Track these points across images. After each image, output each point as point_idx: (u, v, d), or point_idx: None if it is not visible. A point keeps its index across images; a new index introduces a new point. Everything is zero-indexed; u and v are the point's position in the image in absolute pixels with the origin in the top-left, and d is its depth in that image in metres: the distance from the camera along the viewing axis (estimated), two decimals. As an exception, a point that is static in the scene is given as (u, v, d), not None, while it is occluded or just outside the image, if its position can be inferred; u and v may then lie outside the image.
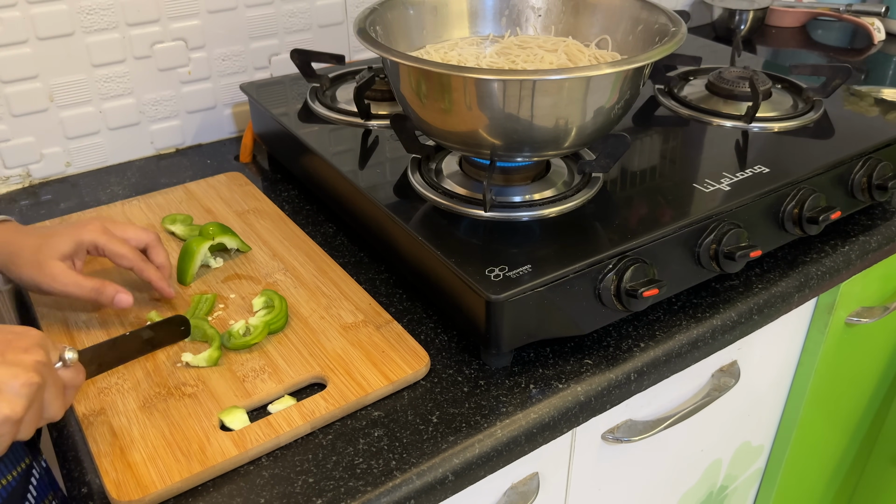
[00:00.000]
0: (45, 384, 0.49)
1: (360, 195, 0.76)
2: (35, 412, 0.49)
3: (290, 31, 1.07)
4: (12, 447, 0.58)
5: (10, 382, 0.46)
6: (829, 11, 1.47)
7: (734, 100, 0.90)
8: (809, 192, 0.76)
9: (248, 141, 1.01)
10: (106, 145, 1.00)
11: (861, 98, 0.94)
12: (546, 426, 0.62)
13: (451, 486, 0.58)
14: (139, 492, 0.53)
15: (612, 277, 0.64)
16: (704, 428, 0.88)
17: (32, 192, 0.95)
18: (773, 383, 0.96)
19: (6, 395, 0.46)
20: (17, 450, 0.59)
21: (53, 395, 0.51)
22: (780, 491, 1.11)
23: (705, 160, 0.79)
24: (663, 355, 0.68)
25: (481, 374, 0.65)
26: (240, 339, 0.66)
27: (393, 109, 0.90)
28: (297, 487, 0.55)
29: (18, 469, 0.59)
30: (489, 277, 0.61)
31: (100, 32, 0.93)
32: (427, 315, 0.72)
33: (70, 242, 0.65)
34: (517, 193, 0.72)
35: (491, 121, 0.64)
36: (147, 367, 0.64)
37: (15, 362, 0.47)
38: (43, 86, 0.92)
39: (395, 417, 0.61)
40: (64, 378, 0.52)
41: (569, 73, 0.62)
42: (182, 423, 0.59)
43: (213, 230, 0.76)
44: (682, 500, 0.95)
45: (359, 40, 0.69)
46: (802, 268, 0.78)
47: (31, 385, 0.47)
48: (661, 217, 0.69)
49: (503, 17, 0.84)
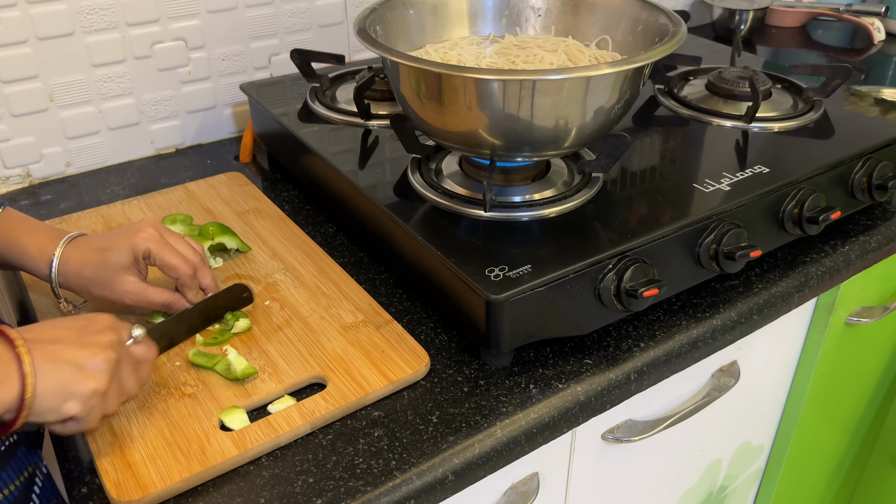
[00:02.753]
0: (121, 360, 0.54)
1: (360, 195, 0.76)
2: (116, 386, 0.54)
3: (290, 31, 1.07)
4: (16, 455, 0.58)
5: (91, 360, 0.52)
6: (829, 11, 1.47)
7: (734, 100, 0.90)
8: (809, 192, 0.76)
9: (248, 141, 1.01)
10: (106, 145, 1.00)
11: (861, 98, 0.94)
12: (546, 426, 0.62)
13: (451, 486, 0.58)
14: (139, 492, 0.53)
15: (612, 277, 0.64)
16: (704, 428, 0.88)
17: (32, 192, 0.95)
18: (773, 383, 0.96)
19: (90, 371, 0.51)
20: (20, 458, 0.59)
21: (129, 370, 0.56)
22: (780, 491, 1.11)
23: (705, 160, 0.79)
24: (663, 355, 0.68)
25: (481, 374, 0.65)
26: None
27: (393, 109, 0.90)
28: (297, 487, 0.55)
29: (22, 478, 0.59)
30: (489, 277, 0.61)
31: (100, 32, 0.93)
32: (427, 315, 0.72)
33: (128, 254, 0.65)
34: (517, 193, 0.72)
35: (491, 121, 0.64)
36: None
37: (93, 343, 0.52)
38: (43, 86, 0.92)
39: (395, 417, 0.61)
40: (136, 354, 0.57)
41: (569, 73, 0.62)
42: (182, 423, 0.59)
43: (213, 230, 0.76)
44: (682, 499, 0.95)
45: (359, 40, 0.69)
46: (802, 268, 0.78)
47: (110, 360, 0.53)
48: (661, 217, 0.69)
49: (503, 17, 0.84)
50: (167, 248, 0.66)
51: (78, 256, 0.65)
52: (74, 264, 0.64)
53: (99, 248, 0.65)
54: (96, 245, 0.65)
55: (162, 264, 0.66)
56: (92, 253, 0.65)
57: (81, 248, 0.65)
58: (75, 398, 0.51)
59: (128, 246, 0.65)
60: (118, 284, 0.64)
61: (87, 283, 0.65)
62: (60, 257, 0.64)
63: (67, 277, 0.65)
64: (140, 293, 0.65)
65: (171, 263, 0.66)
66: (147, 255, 0.66)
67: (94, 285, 0.65)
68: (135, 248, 0.65)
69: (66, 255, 0.65)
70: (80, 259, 0.65)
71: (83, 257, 0.65)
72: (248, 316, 0.69)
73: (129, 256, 0.65)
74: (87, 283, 0.65)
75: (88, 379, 0.51)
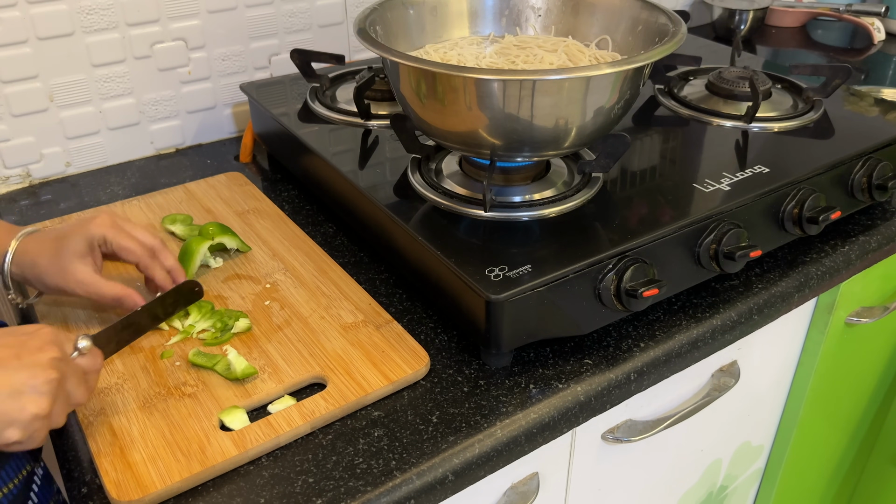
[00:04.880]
0: (65, 376, 0.51)
1: (360, 195, 0.76)
2: (61, 404, 0.51)
3: (290, 31, 1.07)
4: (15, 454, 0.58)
5: (30, 383, 0.49)
6: (829, 11, 1.47)
7: (734, 100, 0.90)
8: (809, 192, 0.76)
9: (248, 141, 1.01)
10: (106, 145, 1.00)
11: (861, 98, 0.94)
12: (546, 426, 0.62)
13: (451, 486, 0.58)
14: (139, 492, 0.53)
15: (612, 277, 0.64)
16: (704, 428, 0.88)
17: (32, 192, 0.95)
18: (773, 383, 0.96)
19: (29, 395, 0.48)
20: (19, 457, 0.59)
21: (75, 384, 0.53)
22: (780, 491, 1.11)
23: (705, 160, 0.79)
24: (663, 355, 0.68)
25: (481, 374, 0.65)
26: None
27: (393, 109, 0.90)
28: (297, 487, 0.55)
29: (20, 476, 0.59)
30: (489, 277, 0.61)
31: (100, 32, 0.93)
32: (427, 315, 0.72)
33: (82, 240, 0.65)
34: (517, 193, 0.72)
35: (491, 121, 0.64)
36: (147, 367, 0.64)
37: (31, 363, 0.49)
38: (43, 86, 0.92)
39: (395, 417, 0.61)
40: (82, 365, 0.54)
41: (569, 73, 0.62)
42: (182, 423, 0.59)
43: (213, 230, 0.76)
44: (682, 499, 0.95)
45: (359, 40, 0.69)
46: (802, 268, 0.78)
47: (51, 382, 0.49)
48: (661, 217, 0.69)
49: (503, 17, 0.84)
50: (122, 233, 0.67)
51: (34, 247, 0.65)
52: (30, 254, 0.64)
53: (55, 238, 0.65)
54: (52, 235, 0.66)
55: (119, 248, 0.66)
56: (48, 242, 0.65)
57: (38, 240, 0.66)
58: (15, 425, 0.48)
59: (82, 233, 0.65)
60: (70, 274, 0.64)
61: (42, 273, 0.64)
62: (16, 248, 0.64)
63: (23, 268, 0.65)
64: (92, 284, 0.64)
65: (127, 246, 0.66)
66: (102, 241, 0.66)
67: (47, 275, 0.64)
68: (90, 234, 0.65)
69: (22, 245, 0.65)
70: (35, 249, 0.65)
71: (39, 247, 0.65)
72: (248, 316, 0.69)
73: (83, 244, 0.65)
74: (41, 273, 0.64)
75: (28, 404, 0.48)
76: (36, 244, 0.65)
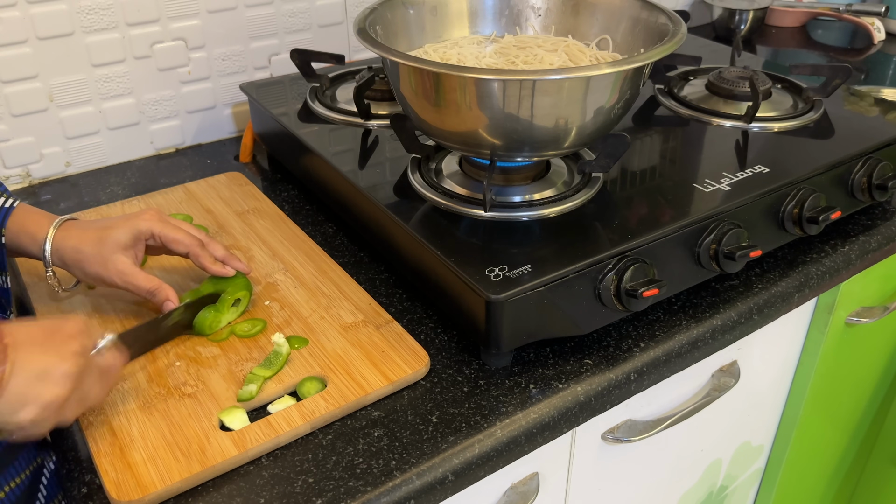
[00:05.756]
0: (86, 370, 0.52)
1: (360, 195, 0.76)
2: (77, 396, 0.52)
3: (290, 30, 1.07)
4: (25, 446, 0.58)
5: (58, 367, 0.50)
6: (829, 11, 1.47)
7: (734, 100, 0.90)
8: (809, 192, 0.76)
9: (247, 141, 1.01)
10: (106, 145, 1.00)
11: (861, 98, 0.94)
12: (546, 426, 0.62)
13: (451, 486, 0.58)
14: (139, 492, 0.53)
15: (612, 277, 0.64)
16: (704, 428, 0.88)
17: (32, 192, 0.95)
18: (773, 383, 0.96)
19: (48, 381, 0.49)
20: (30, 449, 0.59)
21: (93, 379, 0.54)
22: (780, 491, 1.11)
23: (705, 160, 0.79)
24: (663, 355, 0.68)
25: (481, 374, 0.65)
26: None
27: (393, 109, 0.90)
28: (297, 487, 0.55)
29: (30, 468, 0.59)
30: (489, 277, 0.61)
31: (100, 32, 0.93)
32: (427, 315, 0.72)
33: (128, 233, 0.66)
34: (517, 193, 0.72)
35: (491, 121, 0.64)
36: (147, 367, 0.64)
37: (57, 350, 0.50)
38: (43, 86, 0.92)
39: (395, 417, 0.61)
40: (103, 362, 0.55)
41: (569, 73, 0.62)
42: (182, 423, 0.59)
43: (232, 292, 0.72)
44: (682, 500, 0.95)
45: (359, 40, 0.69)
46: (802, 268, 0.78)
47: (71, 372, 0.50)
48: (661, 217, 0.69)
49: (503, 17, 0.84)
50: (170, 226, 0.68)
51: (77, 233, 0.65)
52: (73, 239, 0.65)
53: (100, 227, 0.66)
54: (97, 224, 0.67)
55: (169, 240, 0.67)
56: (92, 230, 0.66)
57: (81, 227, 0.66)
58: (33, 404, 0.49)
59: (129, 227, 0.66)
60: (111, 263, 0.65)
61: (82, 260, 0.65)
62: (56, 233, 0.65)
63: (63, 253, 0.65)
64: (130, 274, 0.65)
65: (176, 238, 0.68)
66: (150, 235, 0.67)
67: (88, 262, 0.65)
68: (137, 228, 0.66)
69: (64, 230, 0.65)
70: (78, 235, 0.65)
71: (82, 234, 0.65)
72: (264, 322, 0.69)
73: (129, 235, 0.66)
74: (81, 260, 0.65)
75: (51, 385, 0.49)
76: (79, 231, 0.66)
